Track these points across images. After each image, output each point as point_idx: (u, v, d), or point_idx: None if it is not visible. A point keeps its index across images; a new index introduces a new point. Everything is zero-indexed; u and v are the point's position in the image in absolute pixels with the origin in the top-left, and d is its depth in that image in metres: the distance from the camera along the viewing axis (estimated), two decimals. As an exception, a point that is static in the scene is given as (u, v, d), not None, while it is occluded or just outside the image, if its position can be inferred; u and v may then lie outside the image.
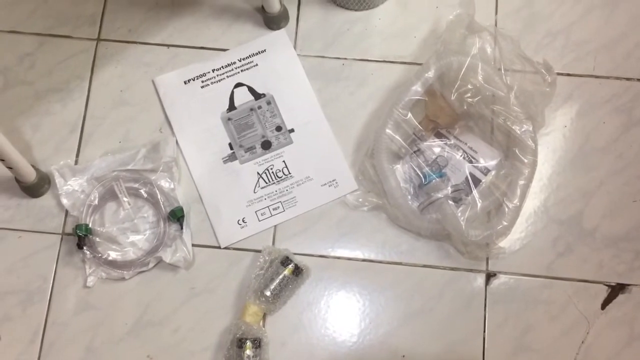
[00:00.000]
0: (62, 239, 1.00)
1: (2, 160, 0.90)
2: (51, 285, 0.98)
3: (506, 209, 0.92)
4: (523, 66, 0.97)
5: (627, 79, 1.04)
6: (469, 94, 0.93)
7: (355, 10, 1.08)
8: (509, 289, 0.96)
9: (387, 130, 0.95)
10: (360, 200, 0.98)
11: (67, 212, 1.00)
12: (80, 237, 0.96)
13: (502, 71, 0.94)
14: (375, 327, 0.95)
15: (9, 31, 1.09)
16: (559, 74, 1.02)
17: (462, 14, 0.98)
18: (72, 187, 1.00)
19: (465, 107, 0.94)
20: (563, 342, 0.94)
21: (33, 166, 0.99)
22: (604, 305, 0.95)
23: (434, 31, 1.06)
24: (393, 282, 0.97)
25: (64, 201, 0.99)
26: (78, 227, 0.96)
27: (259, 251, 0.97)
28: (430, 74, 0.95)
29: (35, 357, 0.95)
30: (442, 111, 0.97)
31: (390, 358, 0.94)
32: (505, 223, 0.91)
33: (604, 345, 0.93)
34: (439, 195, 0.92)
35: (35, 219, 1.00)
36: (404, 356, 0.94)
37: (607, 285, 0.96)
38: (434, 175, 0.94)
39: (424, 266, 0.97)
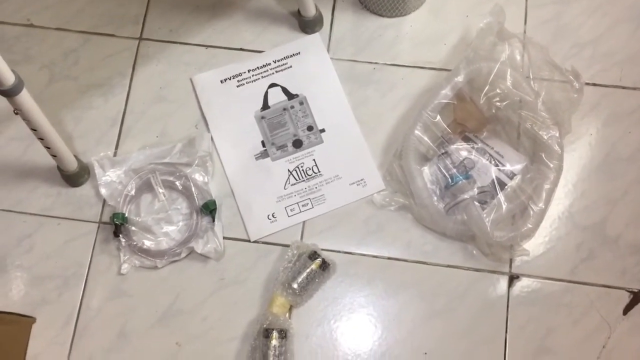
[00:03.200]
0: (99, 227, 1.04)
1: (48, 147, 0.95)
2: (87, 271, 1.01)
3: (531, 212, 0.93)
4: (551, 73, 0.99)
5: (654, 91, 1.06)
6: (497, 99, 0.96)
7: (388, 17, 1.12)
8: (532, 291, 0.97)
9: (416, 132, 0.98)
10: (387, 200, 1.01)
11: (104, 201, 1.04)
12: (117, 225, 1.00)
13: (531, 77, 0.96)
14: (398, 324, 0.97)
15: (56, 28, 1.15)
16: (586, 83, 1.04)
17: (492, 21, 1.01)
18: (110, 178, 1.04)
19: (493, 111, 0.96)
20: (584, 347, 0.95)
21: (75, 156, 1.03)
22: (625, 311, 0.96)
23: (464, 39, 1.09)
24: (417, 280, 0.99)
25: (103, 191, 1.03)
26: (115, 215, 1.00)
27: (288, 246, 1.00)
28: (460, 78, 0.98)
29: (68, 339, 0.98)
30: (471, 115, 0.99)
31: (412, 355, 0.95)
32: (530, 225, 0.93)
33: (625, 350, 0.94)
34: (465, 196, 0.94)
35: (75, 207, 1.05)
36: (425, 353, 0.95)
37: (629, 291, 0.97)
38: (460, 177, 0.96)
39: (448, 266, 0.99)
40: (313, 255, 0.97)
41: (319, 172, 1.04)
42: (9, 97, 0.80)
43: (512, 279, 0.98)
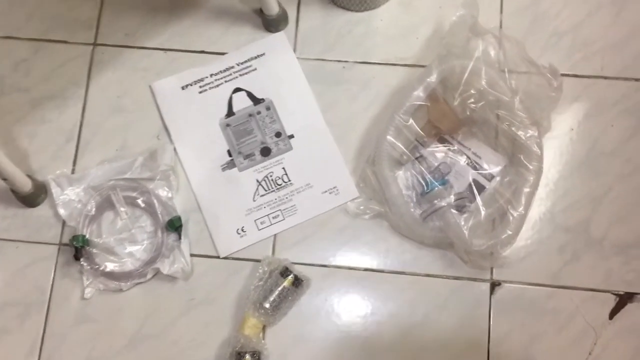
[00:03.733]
0: (59, 249, 0.98)
1: (-4, 172, 0.89)
2: (49, 297, 0.96)
3: (511, 218, 0.89)
4: (528, 70, 0.94)
5: (637, 80, 1.01)
6: (472, 100, 0.90)
7: (357, 11, 1.05)
8: (514, 298, 0.93)
9: (388, 137, 0.93)
10: (362, 208, 0.96)
11: (64, 222, 0.99)
12: (77, 249, 0.94)
13: (507, 75, 0.91)
14: (378, 337, 0.93)
15: (4, 37, 1.08)
16: (565, 75, 0.99)
17: (466, 15, 0.95)
18: (68, 197, 0.98)
19: (468, 113, 0.91)
20: (570, 353, 0.91)
21: (29, 176, 0.97)
22: (612, 315, 0.92)
23: (437, 32, 1.03)
24: (395, 291, 0.95)
25: (61, 211, 0.97)
26: (75, 238, 0.95)
27: (259, 261, 0.95)
28: (433, 78, 0.92)
29: (33, 369, 0.94)
30: (445, 116, 0.94)
31: (393, 369, 0.92)
32: (509, 232, 0.89)
33: (612, 356, 0.91)
34: (442, 203, 0.90)
35: (32, 229, 0.99)
36: (407, 367, 0.92)
37: (615, 294, 0.93)
38: (436, 183, 0.91)
39: (427, 275, 0.95)
40: (285, 272, 0.92)
41: (289, 181, 0.99)
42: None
43: (494, 285, 0.94)
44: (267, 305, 0.91)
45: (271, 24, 1.04)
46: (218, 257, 0.97)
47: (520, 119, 0.90)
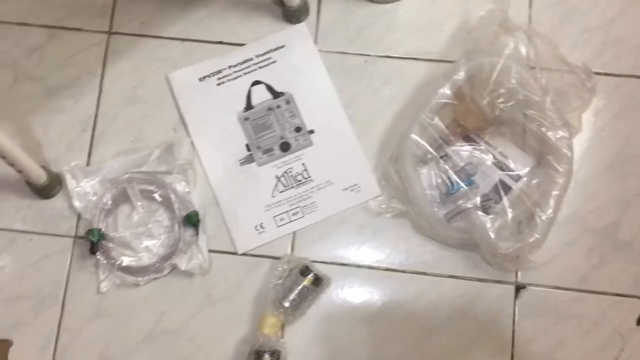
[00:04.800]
0: (74, 242, 0.97)
1: (11, 164, 0.87)
2: (64, 290, 0.95)
3: (538, 221, 0.86)
4: (560, 68, 0.91)
5: (670, 79, 0.98)
6: (501, 99, 0.87)
7: (380, 2, 1.02)
8: (539, 302, 0.91)
9: (413, 135, 0.90)
10: (384, 206, 0.94)
11: (79, 214, 0.97)
12: (93, 243, 0.93)
13: (538, 74, 0.88)
14: (400, 338, 0.91)
15: (17, 23, 1.05)
16: (597, 73, 0.96)
17: (495, 9, 0.92)
18: (84, 189, 0.96)
19: (497, 113, 0.88)
20: (595, 359, 0.89)
21: (44, 167, 0.95)
22: (639, 321, 0.90)
23: (464, 26, 1.00)
24: (417, 292, 0.93)
25: (76, 204, 0.96)
26: (90, 232, 0.93)
27: (278, 258, 0.94)
28: (460, 75, 0.90)
29: (48, 363, 0.93)
30: (471, 114, 0.92)
31: (413, 372, 0.91)
32: (537, 236, 0.86)
33: (639, 363, 0.89)
34: (468, 204, 0.87)
35: (47, 221, 0.97)
36: (427, 370, 0.90)
37: (643, 300, 0.91)
38: (462, 184, 0.89)
39: (450, 277, 0.93)
40: (305, 271, 0.91)
41: (309, 177, 0.97)
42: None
43: (519, 288, 0.92)
44: (286, 304, 0.89)
45: (292, 14, 1.01)
46: (236, 254, 0.95)
47: (551, 119, 0.87)
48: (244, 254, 0.95)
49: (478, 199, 0.88)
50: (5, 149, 0.82)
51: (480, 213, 0.87)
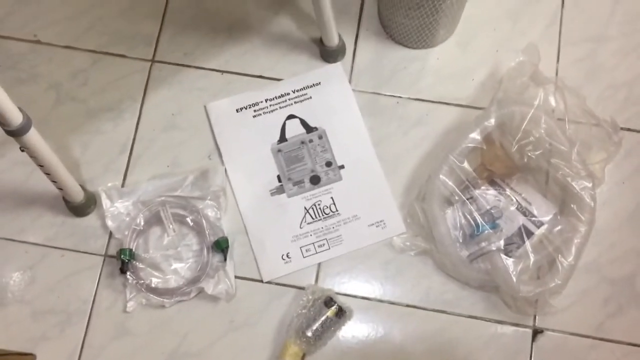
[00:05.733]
0: (104, 260, 0.99)
1: (54, 181, 0.90)
2: (90, 307, 0.97)
3: (560, 267, 0.89)
4: (588, 121, 0.94)
5: (690, 138, 1.01)
6: (530, 147, 0.91)
7: (414, 48, 1.07)
8: (556, 347, 0.93)
9: (441, 176, 0.94)
10: (408, 243, 0.96)
11: (110, 233, 0.99)
12: (124, 262, 0.95)
13: (567, 126, 0.92)
14: (415, 375, 0.93)
15: (64, 46, 1.09)
16: (620, 128, 0.99)
17: (525, 62, 0.96)
18: (118, 210, 0.99)
19: (525, 160, 0.92)
20: (609, 408, 0.91)
21: (81, 186, 0.98)
22: (653, 372, 0.92)
23: (493, 75, 1.04)
24: (436, 330, 0.95)
25: (109, 223, 0.98)
26: (122, 251, 0.95)
27: (302, 288, 0.96)
28: (491, 122, 0.93)
29: (70, 378, 0.94)
30: (499, 160, 0.95)
31: (429, 409, 0.92)
32: (558, 281, 0.88)
33: (652, 414, 0.91)
34: (492, 247, 0.90)
35: (79, 238, 1.00)
36: (443, 408, 0.92)
37: (658, 351, 0.93)
38: (487, 226, 0.92)
39: (469, 317, 0.95)
40: (329, 302, 0.93)
41: (337, 211, 1.00)
42: (16, 137, 0.75)
43: (536, 333, 0.94)
44: (309, 334, 0.91)
45: (330, 54, 1.06)
46: (261, 281, 0.97)
47: (576, 169, 0.90)
48: (269, 282, 0.97)
49: (502, 242, 0.90)
50: (52, 167, 0.86)
51: (503, 256, 0.90)
